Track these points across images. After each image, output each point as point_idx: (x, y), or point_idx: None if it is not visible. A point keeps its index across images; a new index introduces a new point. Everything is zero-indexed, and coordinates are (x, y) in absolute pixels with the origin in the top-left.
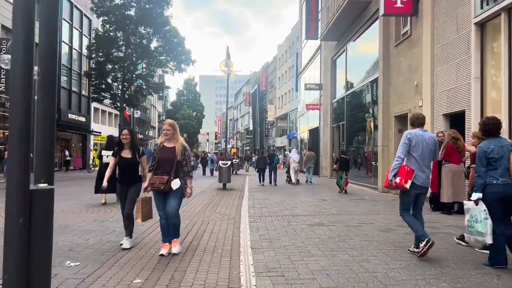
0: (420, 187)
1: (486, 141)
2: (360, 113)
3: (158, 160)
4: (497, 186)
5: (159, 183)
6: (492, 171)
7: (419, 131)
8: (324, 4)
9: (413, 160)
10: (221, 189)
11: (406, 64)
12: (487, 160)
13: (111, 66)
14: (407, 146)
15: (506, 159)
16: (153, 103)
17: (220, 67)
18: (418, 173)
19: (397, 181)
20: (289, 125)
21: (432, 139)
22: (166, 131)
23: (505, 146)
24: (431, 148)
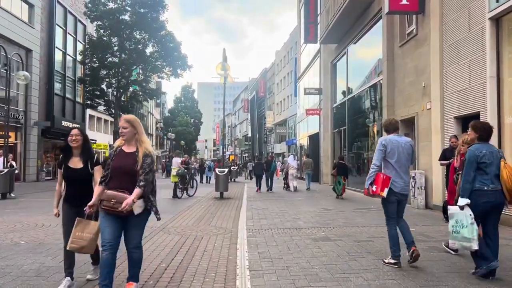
0: (399, 194)
1: (478, 145)
2: (363, 118)
3: (112, 169)
4: (488, 193)
5: (116, 202)
6: (482, 176)
7: (394, 137)
8: (324, 6)
9: (390, 167)
10: (218, 198)
11: (413, 65)
12: (477, 165)
13: (105, 71)
14: (382, 152)
15: (495, 166)
16: (150, 110)
17: (216, 70)
18: (396, 179)
19: (373, 189)
20: (288, 131)
21: (408, 144)
22: (122, 129)
23: (494, 152)
24: (408, 153)
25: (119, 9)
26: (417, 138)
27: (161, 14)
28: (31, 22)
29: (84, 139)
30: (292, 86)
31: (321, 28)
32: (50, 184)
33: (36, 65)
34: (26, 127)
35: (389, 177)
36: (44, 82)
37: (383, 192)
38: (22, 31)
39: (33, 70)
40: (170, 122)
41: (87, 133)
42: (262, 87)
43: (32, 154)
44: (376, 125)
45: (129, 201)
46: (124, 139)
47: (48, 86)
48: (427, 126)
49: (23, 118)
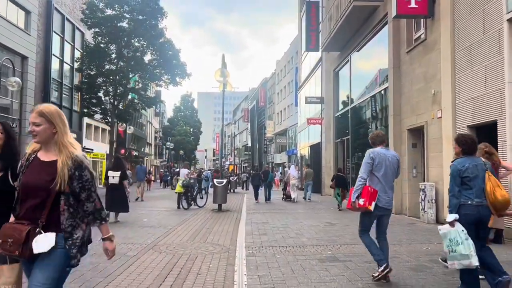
0: (382, 209)
1: (461, 159)
2: (366, 127)
3: (21, 188)
4: (471, 208)
5: (12, 242)
6: (467, 190)
7: (381, 150)
8: (326, 13)
9: (375, 180)
10: (215, 210)
11: (421, 72)
12: (461, 179)
13: (103, 79)
14: (369, 165)
15: (481, 179)
16: (150, 119)
17: (215, 77)
18: (381, 194)
19: (360, 202)
20: (289, 141)
21: (395, 158)
22: (33, 127)
23: (479, 165)
24: (394, 167)
25: (117, 16)
26: (427, 149)
27: (160, 21)
28: (27, 28)
29: (7, 136)
30: (293, 95)
31: (323, 36)
32: None
33: (32, 72)
34: (21, 136)
35: (376, 191)
36: (40, 90)
37: (371, 205)
38: (18, 37)
39: (28, 78)
40: (169, 132)
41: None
42: (262, 96)
43: None
44: None
45: (110, 247)
46: (37, 141)
47: (44, 94)
48: (437, 136)
49: (18, 126)
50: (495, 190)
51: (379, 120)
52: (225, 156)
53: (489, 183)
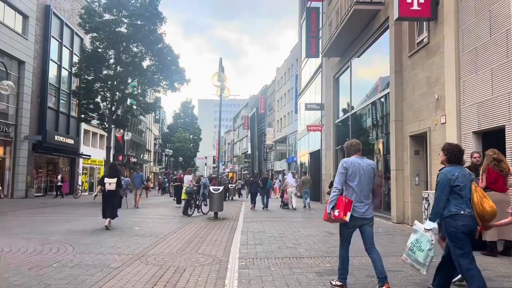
0: (360, 219)
1: (449, 168)
2: (367, 134)
3: None
4: (467, 218)
5: None
6: (457, 200)
7: (356, 159)
8: (326, 19)
9: (350, 190)
10: (211, 218)
11: (424, 76)
12: (451, 189)
13: (100, 84)
14: (343, 175)
15: (469, 189)
16: (149, 126)
17: (212, 81)
18: (357, 204)
19: (335, 213)
20: (288, 149)
21: (370, 167)
22: None
23: (466, 175)
24: (370, 176)
25: (115, 21)
26: (430, 156)
27: (158, 26)
28: (24, 33)
29: None
30: (293, 102)
31: (323, 41)
32: (39, 201)
33: (28, 77)
34: (16, 141)
35: (351, 201)
36: (36, 95)
37: (346, 216)
38: (14, 42)
39: (25, 83)
40: (169, 138)
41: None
42: (262, 104)
43: (22, 169)
44: (382, 141)
45: None
46: None
47: (40, 99)
48: (441, 142)
49: (13, 132)
50: (483, 201)
51: (380, 126)
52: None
53: (476, 194)
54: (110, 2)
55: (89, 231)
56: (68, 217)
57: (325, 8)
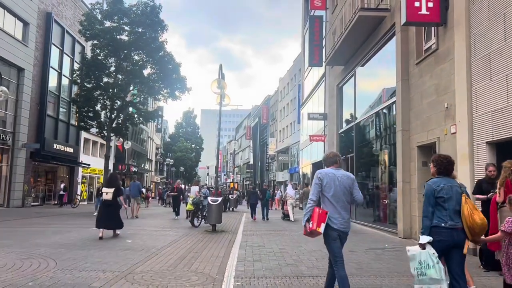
0: (338, 231)
1: (436, 179)
2: (372, 144)
3: None
4: (445, 232)
5: None
6: (440, 212)
7: (331, 170)
8: (330, 26)
9: (327, 202)
10: (209, 231)
11: (432, 84)
12: (435, 200)
13: (100, 92)
14: (318, 186)
15: (455, 201)
16: (151, 135)
17: (211, 88)
18: (334, 215)
19: (310, 226)
20: (291, 159)
21: (345, 177)
22: None
23: (454, 187)
24: (345, 188)
25: (116, 28)
26: None
27: (160, 34)
28: (25, 40)
29: None
30: (296, 113)
31: (326, 50)
32: (36, 210)
33: (28, 84)
34: (14, 149)
35: (325, 212)
36: (36, 103)
37: (320, 227)
38: (14, 49)
39: (24, 90)
40: (170, 148)
41: (82, 157)
42: (265, 114)
43: (19, 178)
44: (387, 152)
45: None
46: None
47: (40, 107)
48: (451, 153)
49: (11, 139)
50: (473, 213)
51: (386, 136)
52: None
53: (466, 206)
54: (111, 9)
55: (78, 244)
56: (59, 228)
57: (328, 17)
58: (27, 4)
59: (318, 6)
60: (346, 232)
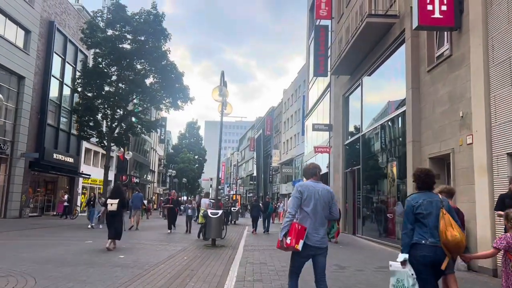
0: (314, 248)
1: (415, 195)
2: (379, 156)
3: None
4: (427, 248)
5: None
6: (421, 229)
7: (311, 182)
8: (336, 35)
9: (306, 216)
10: (209, 246)
11: (446, 92)
12: (415, 216)
13: (101, 101)
14: (298, 200)
15: (435, 217)
16: (154, 146)
17: (212, 96)
18: (311, 231)
19: (288, 241)
20: (295, 171)
21: (325, 191)
22: None
23: (434, 202)
24: (325, 202)
25: (118, 37)
26: (454, 181)
27: (163, 43)
28: (26, 48)
29: None
30: (300, 124)
31: (332, 60)
32: (33, 221)
33: (28, 93)
34: (12, 158)
35: (304, 228)
36: (36, 112)
37: (298, 244)
38: (15, 56)
39: (24, 98)
40: (173, 159)
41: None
42: (268, 125)
43: (16, 188)
44: (396, 164)
45: None
46: None
47: (40, 116)
48: (467, 165)
49: (9, 148)
50: (447, 229)
51: (395, 148)
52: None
53: (442, 222)
54: (113, 17)
55: (67, 260)
56: (52, 241)
57: (334, 26)
58: (29, 12)
59: (324, 16)
60: (322, 248)
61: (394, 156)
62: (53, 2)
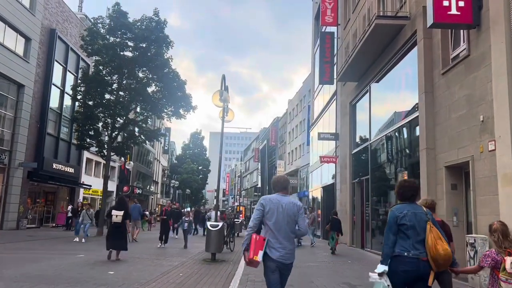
0: (278, 263)
1: (400, 205)
2: (389, 165)
3: None
4: (409, 262)
5: None
6: (404, 240)
7: (277, 196)
8: (342, 41)
9: (268, 230)
10: (208, 260)
11: (463, 95)
12: (398, 227)
13: (101, 109)
14: (260, 212)
15: (420, 229)
16: (157, 156)
17: (212, 100)
18: (274, 245)
19: (249, 255)
20: (300, 182)
21: (290, 204)
22: None
23: (418, 214)
24: (289, 216)
25: (120, 44)
26: (474, 191)
27: (165, 51)
28: (26, 56)
29: None
30: (305, 134)
31: (338, 67)
32: (30, 233)
33: (27, 101)
34: (10, 168)
35: (263, 238)
36: (35, 120)
37: (257, 256)
38: (14, 64)
39: (23, 107)
40: (176, 169)
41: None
42: (273, 136)
43: (14, 198)
44: (407, 173)
45: None
46: None
47: (39, 125)
48: (489, 174)
49: (7, 158)
50: (437, 243)
51: (406, 156)
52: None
53: (430, 235)
54: (114, 24)
55: (49, 276)
56: (42, 254)
57: (340, 33)
58: (30, 19)
59: (329, 22)
60: (287, 264)
61: (405, 165)
62: (55, 10)
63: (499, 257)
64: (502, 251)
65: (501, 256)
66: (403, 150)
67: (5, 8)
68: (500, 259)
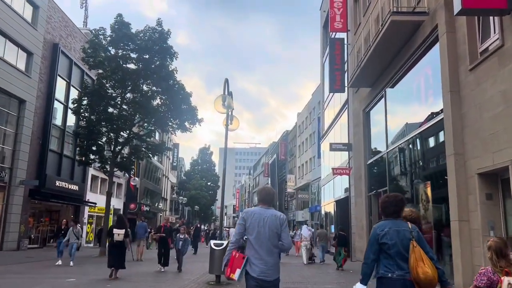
0: (259, 280)
1: (382, 222)
2: (410, 175)
3: None
4: (394, 284)
5: None
6: (387, 260)
7: (260, 209)
8: (353, 47)
9: (249, 245)
10: (213, 284)
11: (497, 91)
12: (380, 246)
13: (103, 123)
14: (241, 227)
15: (403, 247)
16: (166, 173)
17: (214, 106)
18: (255, 261)
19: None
20: (311, 197)
21: (273, 218)
22: None
23: (401, 232)
24: (272, 230)
25: (123, 56)
26: None
27: (169, 62)
28: (28, 71)
29: None
30: (315, 147)
31: (349, 72)
32: (30, 254)
33: (29, 117)
34: (10, 186)
35: (242, 256)
36: (37, 137)
37: (234, 274)
38: (15, 79)
39: (25, 123)
40: (185, 186)
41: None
42: (282, 150)
43: (14, 217)
44: (431, 184)
45: None
46: None
47: (42, 141)
48: None
49: (8, 175)
50: (418, 265)
51: (428, 164)
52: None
53: (413, 256)
54: (116, 35)
55: None
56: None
57: (350, 39)
58: (32, 34)
59: (339, 28)
60: (269, 282)
61: (428, 175)
62: (58, 24)
63: (496, 277)
64: (499, 271)
65: (497, 275)
66: (425, 158)
67: (6, 22)
68: (496, 279)
